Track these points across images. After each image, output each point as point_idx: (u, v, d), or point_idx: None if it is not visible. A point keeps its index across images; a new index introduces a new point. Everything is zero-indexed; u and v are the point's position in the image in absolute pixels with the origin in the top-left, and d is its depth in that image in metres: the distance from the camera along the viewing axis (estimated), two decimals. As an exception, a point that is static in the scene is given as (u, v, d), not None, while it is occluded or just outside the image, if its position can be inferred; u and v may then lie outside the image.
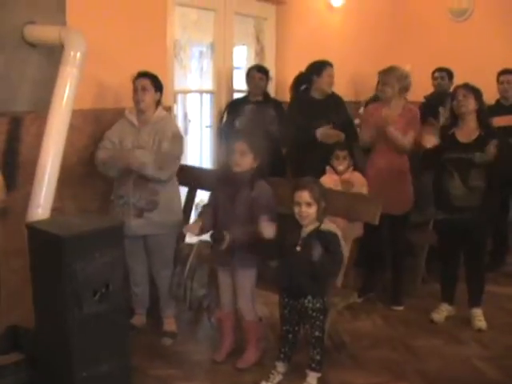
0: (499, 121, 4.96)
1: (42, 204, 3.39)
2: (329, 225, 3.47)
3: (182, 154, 4.03)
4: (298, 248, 3.41)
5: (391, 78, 4.52)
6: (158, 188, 3.90)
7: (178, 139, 3.97)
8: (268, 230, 3.44)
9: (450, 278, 4.48)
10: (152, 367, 3.75)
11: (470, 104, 4.17)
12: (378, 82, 5.73)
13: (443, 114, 5.61)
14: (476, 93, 4.19)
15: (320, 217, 3.44)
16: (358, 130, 5.15)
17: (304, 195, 3.41)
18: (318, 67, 4.97)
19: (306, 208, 3.41)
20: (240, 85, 5.62)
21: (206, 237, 3.76)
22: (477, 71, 5.63)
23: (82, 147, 4.02)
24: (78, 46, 3.50)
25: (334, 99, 5.06)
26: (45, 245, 3.15)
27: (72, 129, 3.56)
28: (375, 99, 5.56)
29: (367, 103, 5.74)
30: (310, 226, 3.43)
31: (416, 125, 4.55)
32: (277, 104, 5.35)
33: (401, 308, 4.68)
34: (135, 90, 3.92)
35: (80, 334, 3.09)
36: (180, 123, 5.25)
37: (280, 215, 3.65)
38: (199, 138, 5.56)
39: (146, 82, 3.92)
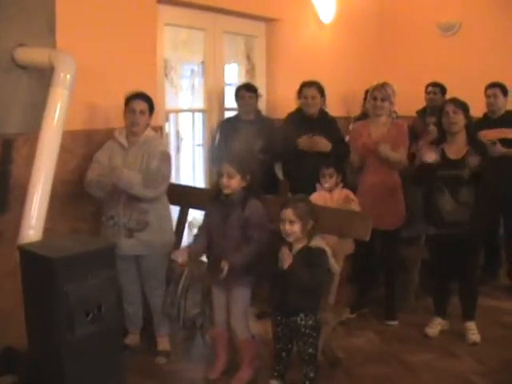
0: (487, 134, 4.99)
1: (33, 225, 3.36)
2: (318, 241, 3.47)
3: (170, 172, 4.01)
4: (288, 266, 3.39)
5: (388, 92, 4.53)
6: (148, 208, 3.90)
7: (165, 158, 3.96)
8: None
9: (443, 291, 4.50)
10: (146, 387, 3.74)
11: (461, 120, 4.18)
12: (365, 99, 5.78)
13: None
14: (464, 108, 4.20)
15: (309, 234, 3.45)
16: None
17: (287, 213, 3.42)
18: (299, 90, 5.02)
19: (290, 226, 3.41)
20: (231, 103, 5.64)
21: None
22: (465, 85, 5.66)
23: (72, 168, 4.03)
24: (67, 67, 3.51)
25: (324, 118, 5.06)
26: (37, 267, 3.15)
27: (62, 150, 3.55)
28: (364, 116, 5.60)
29: (357, 119, 5.76)
30: (299, 244, 3.44)
31: (405, 140, 4.56)
32: (268, 122, 5.35)
33: (395, 323, 4.68)
34: (132, 112, 3.89)
35: (73, 356, 3.08)
36: (172, 141, 5.26)
37: (273, 233, 3.66)
38: (191, 156, 5.57)
39: (145, 106, 3.91)
